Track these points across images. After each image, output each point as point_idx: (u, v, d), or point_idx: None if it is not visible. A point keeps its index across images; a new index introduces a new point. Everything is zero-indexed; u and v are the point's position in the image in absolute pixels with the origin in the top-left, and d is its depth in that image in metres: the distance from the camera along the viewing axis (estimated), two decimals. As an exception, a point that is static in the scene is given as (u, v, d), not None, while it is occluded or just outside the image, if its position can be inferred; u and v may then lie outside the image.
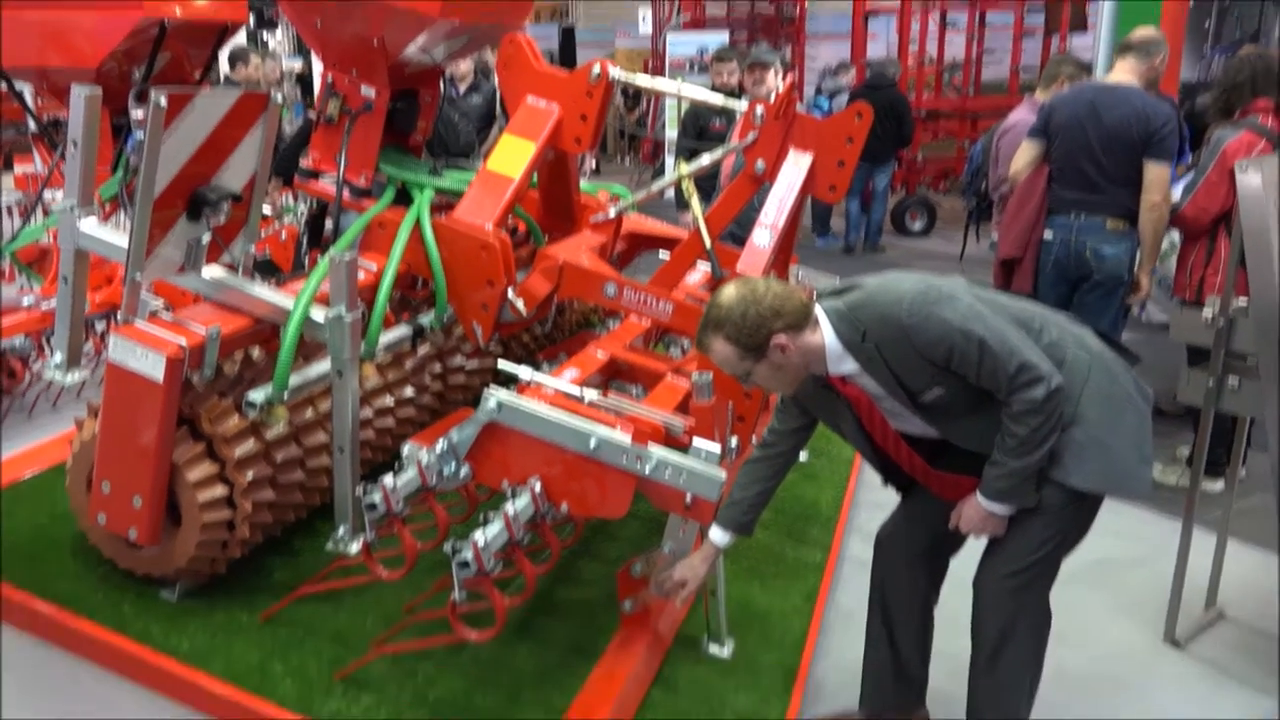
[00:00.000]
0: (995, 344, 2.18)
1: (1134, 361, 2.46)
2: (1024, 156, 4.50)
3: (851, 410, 2.38)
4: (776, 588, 3.26)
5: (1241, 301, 3.06)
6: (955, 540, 2.67)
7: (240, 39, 7.02)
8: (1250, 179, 2.87)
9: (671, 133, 10.39)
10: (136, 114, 2.54)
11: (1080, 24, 11.59)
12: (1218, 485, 4.14)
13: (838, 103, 10.02)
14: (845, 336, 2.26)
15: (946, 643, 2.75)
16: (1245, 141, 4.11)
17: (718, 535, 2.52)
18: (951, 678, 2.80)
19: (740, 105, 3.30)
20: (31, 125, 4.99)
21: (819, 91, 10.84)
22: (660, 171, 5.88)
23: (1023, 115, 5.40)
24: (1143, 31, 4.48)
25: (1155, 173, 4.13)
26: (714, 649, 2.87)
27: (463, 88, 7.09)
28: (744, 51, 6.86)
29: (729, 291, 2.26)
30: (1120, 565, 3.74)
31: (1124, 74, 4.29)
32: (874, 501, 4.22)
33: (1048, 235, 4.41)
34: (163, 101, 2.42)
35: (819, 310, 2.29)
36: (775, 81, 5.60)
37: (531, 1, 3.66)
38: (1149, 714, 2.97)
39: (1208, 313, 3.11)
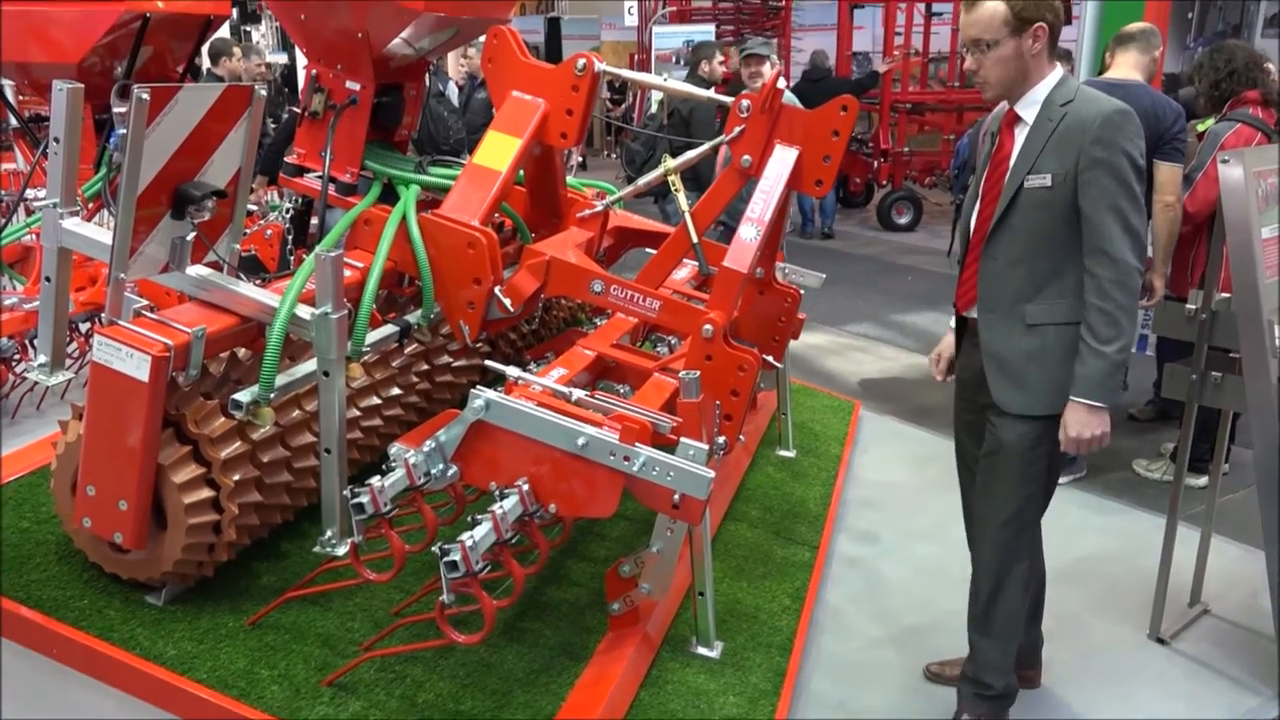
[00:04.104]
0: (1131, 207, 2.34)
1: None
2: None
3: (984, 162, 2.61)
4: (764, 587, 3.26)
5: (1225, 295, 3.08)
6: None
7: (223, 33, 6.96)
8: (1232, 171, 2.87)
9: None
10: (119, 109, 2.51)
11: (1065, 17, 11.60)
12: (1201, 480, 4.17)
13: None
14: (1057, 91, 2.44)
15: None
16: (1242, 134, 4.12)
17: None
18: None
19: (725, 99, 3.29)
20: (13, 121, 4.94)
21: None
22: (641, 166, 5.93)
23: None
24: (1136, 24, 4.45)
25: (1166, 173, 4.08)
26: (702, 650, 2.87)
27: (454, 83, 7.10)
28: (719, 45, 6.88)
29: None
30: (1104, 560, 3.77)
31: (1128, 69, 4.21)
32: (862, 499, 4.23)
33: None
34: (145, 96, 2.39)
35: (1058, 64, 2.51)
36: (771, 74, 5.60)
37: (517, -5, 3.64)
38: (1136, 712, 2.99)
39: (1190, 306, 3.12)
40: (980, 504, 2.64)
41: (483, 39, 3.32)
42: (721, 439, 2.88)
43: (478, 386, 2.45)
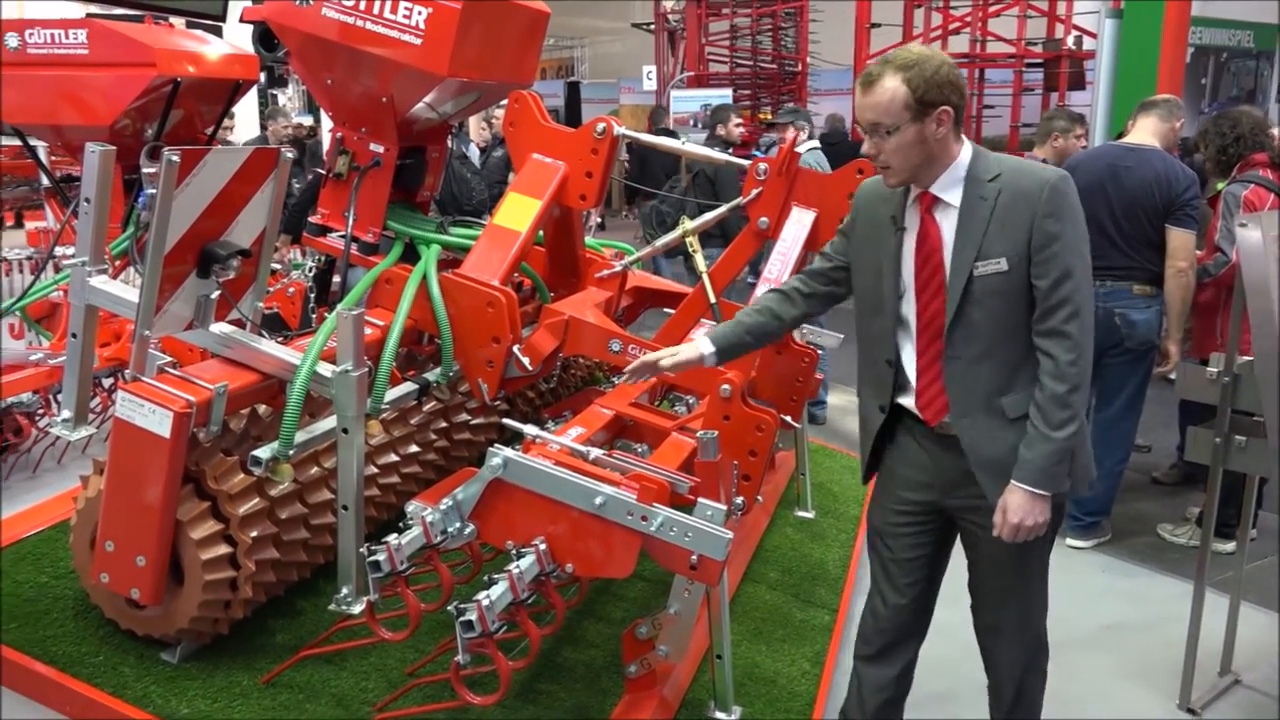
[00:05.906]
0: (1085, 280, 2.18)
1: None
2: None
3: (896, 252, 2.31)
4: (783, 650, 3.21)
5: (1246, 358, 3.06)
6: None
7: (250, 97, 7.13)
8: (1250, 234, 2.87)
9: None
10: (149, 170, 2.56)
11: (1079, 82, 11.75)
12: (1229, 546, 4.09)
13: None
14: (977, 166, 2.24)
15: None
16: (1259, 192, 4.13)
17: (705, 344, 2.55)
18: None
19: (743, 161, 3.34)
20: (45, 181, 5.05)
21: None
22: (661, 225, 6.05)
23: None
24: (1162, 94, 4.50)
25: (1179, 239, 4.05)
26: (720, 714, 2.81)
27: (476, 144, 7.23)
28: (736, 108, 7.01)
29: (919, 47, 2.26)
30: (1132, 629, 3.69)
31: (1145, 134, 4.20)
32: (881, 560, 4.17)
33: None
34: (175, 158, 2.45)
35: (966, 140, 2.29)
36: (805, 141, 5.75)
37: (538, 59, 3.71)
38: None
39: (1212, 370, 3.10)
40: (1003, 613, 2.48)
41: (505, 103, 3.39)
42: (739, 499, 2.86)
43: (495, 445, 2.45)
